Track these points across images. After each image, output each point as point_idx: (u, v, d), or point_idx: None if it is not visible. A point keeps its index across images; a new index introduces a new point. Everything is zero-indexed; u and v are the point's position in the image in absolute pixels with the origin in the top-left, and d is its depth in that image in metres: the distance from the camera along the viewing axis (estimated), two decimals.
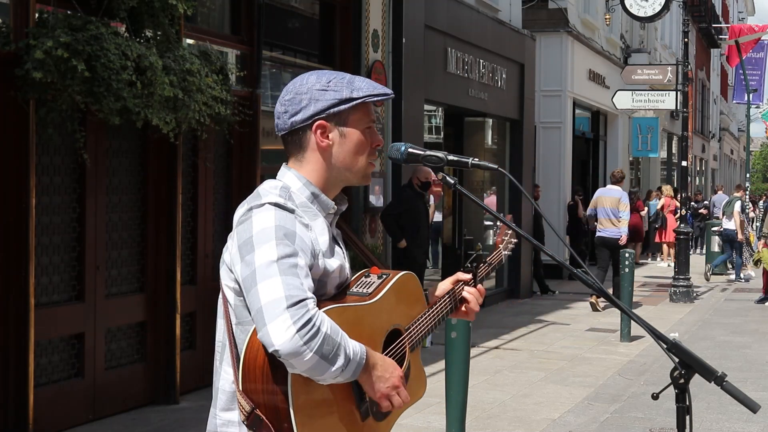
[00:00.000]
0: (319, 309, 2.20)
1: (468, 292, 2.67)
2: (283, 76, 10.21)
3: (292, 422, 2.17)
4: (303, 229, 2.29)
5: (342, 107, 2.38)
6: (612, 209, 14.18)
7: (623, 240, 14.01)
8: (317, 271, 2.31)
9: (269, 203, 2.29)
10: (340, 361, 2.16)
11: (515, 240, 3.05)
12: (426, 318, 2.56)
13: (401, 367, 2.42)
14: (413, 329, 2.51)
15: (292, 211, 2.30)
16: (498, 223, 3.05)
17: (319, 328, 2.13)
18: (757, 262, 16.36)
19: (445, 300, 2.63)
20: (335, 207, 2.46)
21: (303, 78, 2.44)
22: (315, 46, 10.71)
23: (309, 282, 2.21)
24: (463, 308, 2.68)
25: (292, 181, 2.41)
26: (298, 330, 2.10)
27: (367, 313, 2.37)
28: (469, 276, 2.68)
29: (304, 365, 2.12)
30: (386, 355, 2.40)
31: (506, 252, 3.00)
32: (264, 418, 2.20)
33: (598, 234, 14.54)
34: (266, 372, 2.20)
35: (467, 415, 6.17)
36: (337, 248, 2.45)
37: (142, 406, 7.47)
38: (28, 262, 6.18)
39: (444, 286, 2.67)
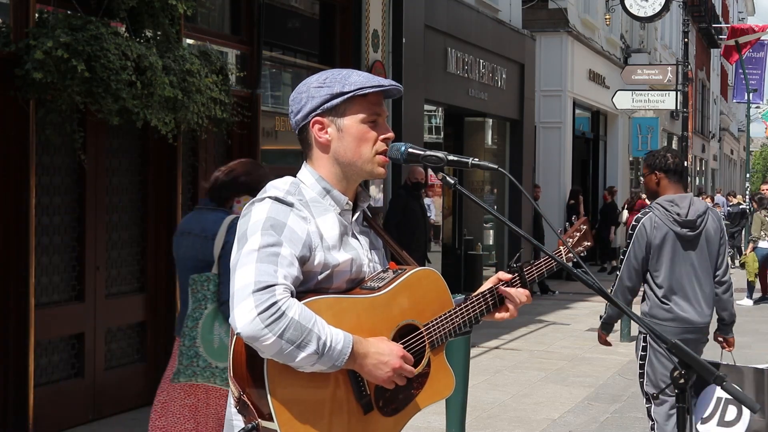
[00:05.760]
0: (306, 300, 2.23)
1: (508, 291, 2.57)
2: (283, 76, 10.21)
3: (270, 407, 2.20)
4: (298, 222, 2.32)
5: (335, 102, 2.41)
6: None
7: None
8: (316, 263, 2.34)
9: (268, 197, 2.35)
10: (311, 348, 2.17)
11: (587, 243, 2.87)
12: (450, 316, 2.50)
13: (420, 363, 2.42)
14: (433, 326, 2.47)
15: (290, 205, 2.34)
16: (573, 223, 2.87)
17: (284, 313, 2.16)
18: (742, 265, 16.58)
19: (476, 300, 2.56)
20: (349, 203, 2.48)
21: (309, 78, 2.50)
22: (315, 46, 10.71)
23: (289, 271, 2.24)
24: (502, 313, 2.59)
25: (306, 176, 2.47)
26: (260, 313, 2.15)
27: (369, 306, 2.36)
28: (510, 276, 2.61)
29: (270, 349, 2.16)
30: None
31: (569, 255, 2.75)
32: (249, 403, 2.25)
33: None
34: (249, 358, 2.24)
35: (467, 415, 6.17)
36: (354, 242, 2.47)
37: (142, 406, 7.46)
38: (28, 262, 6.18)
39: (484, 286, 2.63)
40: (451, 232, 15.53)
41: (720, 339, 5.33)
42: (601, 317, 5.47)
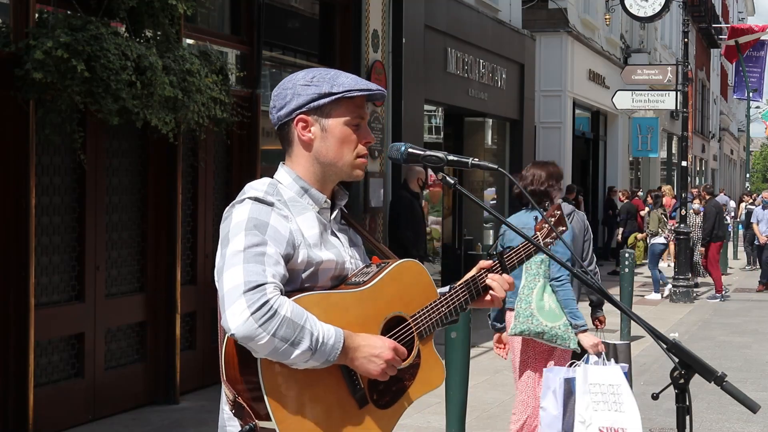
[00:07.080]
0: (294, 297, 2.24)
1: (491, 279, 2.60)
2: (283, 76, 10.19)
3: (267, 407, 2.20)
4: (280, 221, 2.33)
5: (321, 102, 2.41)
6: None
7: None
8: (299, 261, 2.34)
9: (248, 198, 2.35)
10: (305, 344, 2.18)
11: (562, 228, 2.94)
12: (436, 306, 2.52)
13: (410, 354, 2.43)
14: (420, 317, 2.48)
15: (270, 204, 2.35)
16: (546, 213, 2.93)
17: (276, 311, 2.16)
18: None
19: (461, 288, 2.58)
20: (328, 201, 2.49)
21: (294, 75, 2.49)
22: (315, 46, 10.71)
23: (277, 269, 2.25)
24: (488, 297, 2.61)
25: (283, 176, 2.47)
26: (253, 313, 2.14)
27: (357, 300, 2.37)
28: (490, 263, 2.63)
29: (264, 348, 2.16)
30: None
31: (546, 240, 2.82)
32: (245, 405, 2.25)
33: None
34: (242, 359, 2.24)
35: (467, 415, 6.17)
36: (334, 240, 2.48)
37: (142, 406, 7.47)
38: (28, 262, 6.18)
39: (468, 274, 2.64)
40: (451, 232, 15.52)
41: (593, 318, 6.36)
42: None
